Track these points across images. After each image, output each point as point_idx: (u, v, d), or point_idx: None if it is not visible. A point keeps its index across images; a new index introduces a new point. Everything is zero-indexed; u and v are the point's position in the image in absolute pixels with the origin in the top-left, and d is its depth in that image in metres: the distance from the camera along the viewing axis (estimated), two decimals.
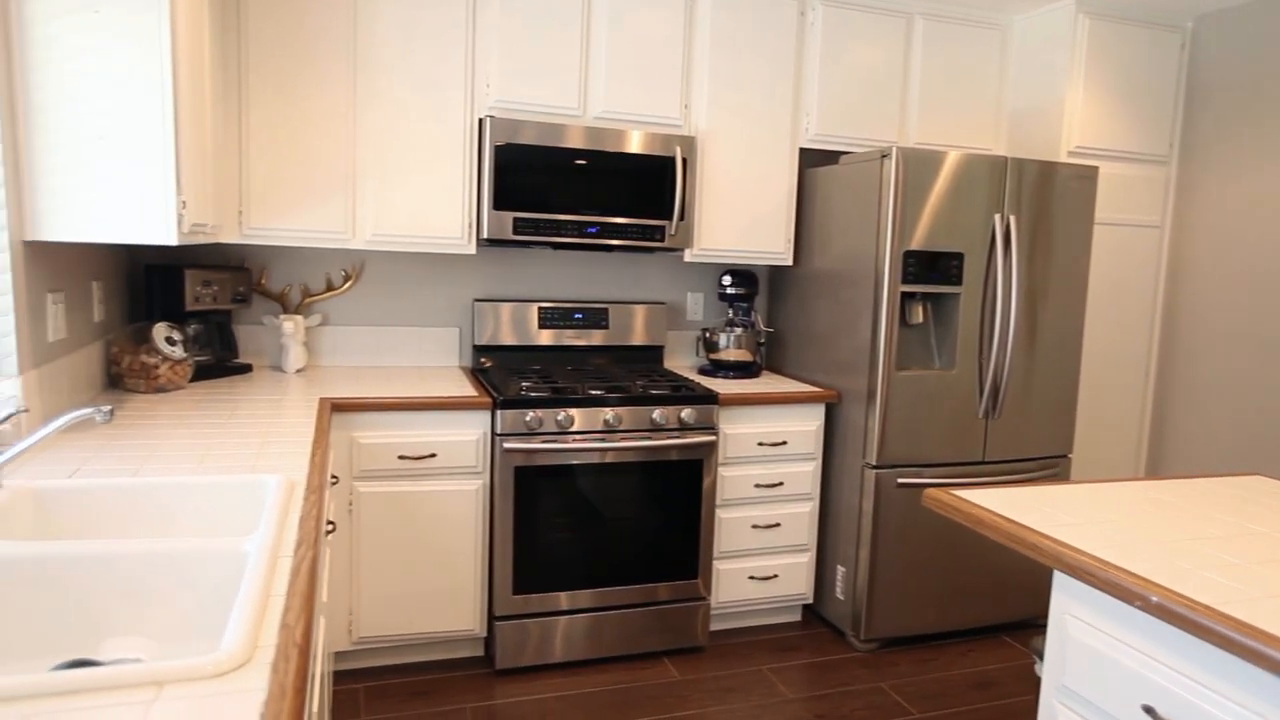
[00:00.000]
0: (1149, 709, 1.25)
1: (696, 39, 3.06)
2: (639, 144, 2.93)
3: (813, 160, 3.36)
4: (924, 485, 2.94)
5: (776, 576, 3.07)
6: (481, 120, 2.83)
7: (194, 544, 1.22)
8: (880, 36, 3.26)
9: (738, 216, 3.17)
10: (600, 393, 2.73)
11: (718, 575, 2.98)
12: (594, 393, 2.73)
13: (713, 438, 2.84)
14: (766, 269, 3.62)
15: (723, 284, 3.34)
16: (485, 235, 2.81)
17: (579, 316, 3.26)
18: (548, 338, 3.23)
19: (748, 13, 3.09)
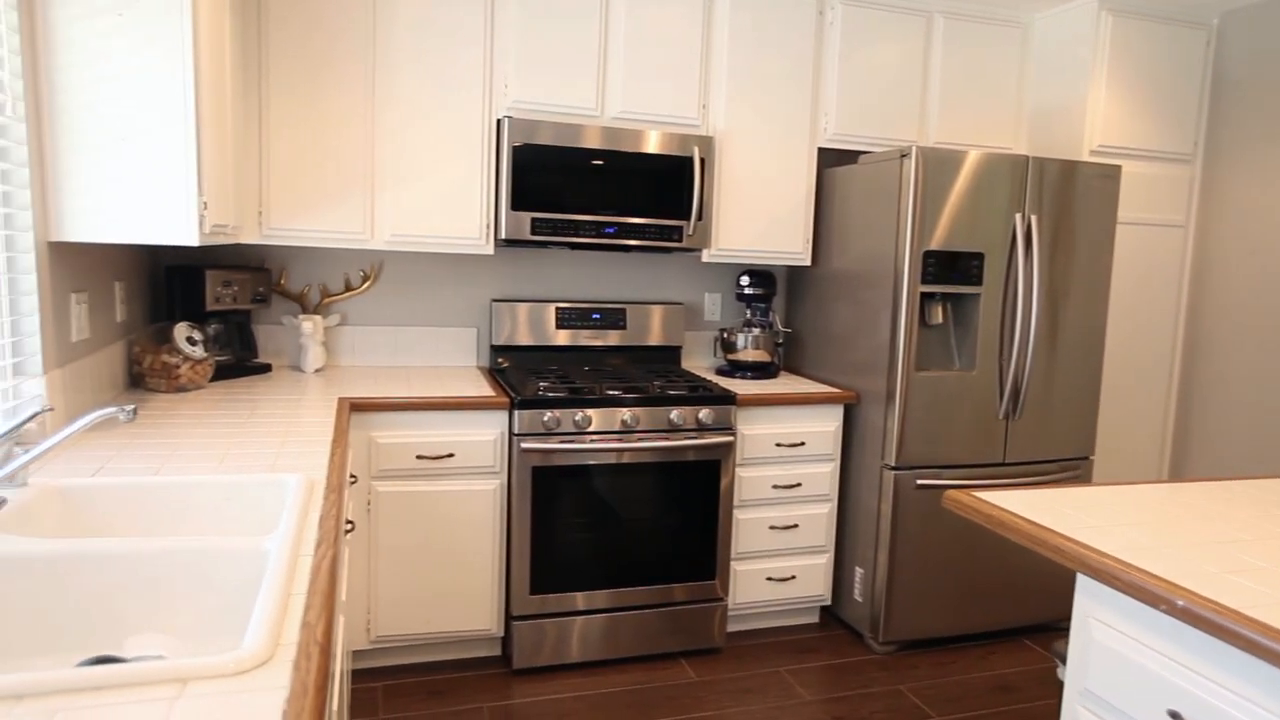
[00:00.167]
0: (1174, 714, 1.23)
1: (714, 38, 3.06)
2: (657, 144, 2.92)
3: (831, 160, 3.34)
4: (943, 487, 2.92)
5: (794, 578, 3.05)
6: (499, 120, 2.84)
7: (215, 542, 1.23)
8: (900, 35, 3.24)
9: (756, 217, 3.16)
10: (618, 393, 2.73)
11: (735, 576, 2.97)
12: (611, 393, 2.73)
13: (730, 438, 2.83)
14: (784, 269, 3.60)
15: (740, 284, 3.33)
16: (503, 236, 2.82)
17: (596, 317, 3.26)
18: (565, 338, 3.23)
19: (766, 12, 3.08)
